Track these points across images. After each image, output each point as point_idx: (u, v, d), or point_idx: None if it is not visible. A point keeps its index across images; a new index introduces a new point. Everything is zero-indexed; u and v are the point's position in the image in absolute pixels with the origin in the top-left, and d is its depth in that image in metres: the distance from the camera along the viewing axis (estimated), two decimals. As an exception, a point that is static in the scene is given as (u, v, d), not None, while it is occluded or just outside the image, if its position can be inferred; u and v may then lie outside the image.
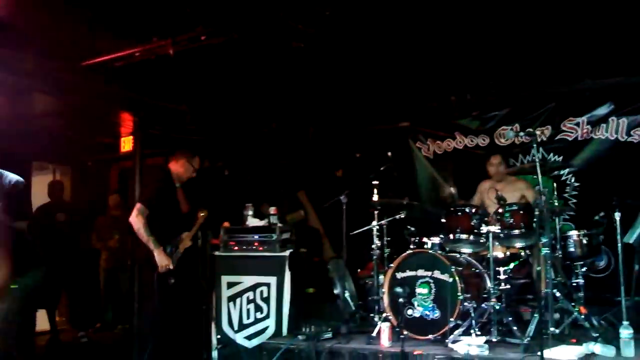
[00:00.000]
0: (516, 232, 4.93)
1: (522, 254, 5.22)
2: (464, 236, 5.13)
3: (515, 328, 4.60)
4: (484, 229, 4.98)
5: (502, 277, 4.96)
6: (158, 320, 5.15)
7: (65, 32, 5.03)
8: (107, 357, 6.55)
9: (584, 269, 5.27)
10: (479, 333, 4.63)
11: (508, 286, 4.96)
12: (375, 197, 5.65)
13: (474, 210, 5.14)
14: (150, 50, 5.20)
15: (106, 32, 5.17)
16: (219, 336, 5.83)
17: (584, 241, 5.24)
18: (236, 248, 5.93)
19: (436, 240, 5.33)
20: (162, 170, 5.46)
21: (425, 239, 5.41)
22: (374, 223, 5.67)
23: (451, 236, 5.16)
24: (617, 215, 5.00)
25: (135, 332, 5.65)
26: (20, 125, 6.25)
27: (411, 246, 5.38)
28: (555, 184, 5.82)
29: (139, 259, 5.30)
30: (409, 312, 5.01)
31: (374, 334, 5.03)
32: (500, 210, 4.99)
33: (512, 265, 5.14)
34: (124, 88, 6.15)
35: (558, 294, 4.74)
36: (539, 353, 3.84)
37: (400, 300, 4.71)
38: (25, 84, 5.49)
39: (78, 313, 7.62)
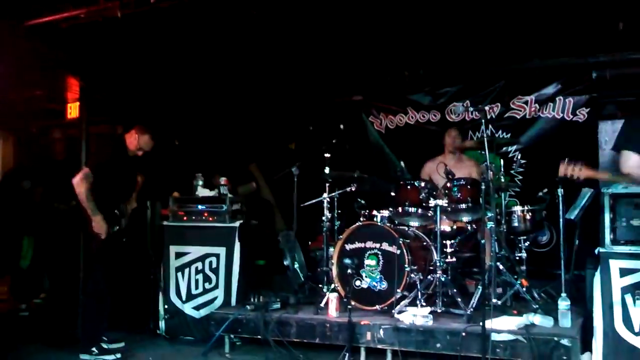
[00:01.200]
0: (463, 206, 5.02)
1: (469, 228, 5.32)
2: (412, 209, 5.19)
3: (459, 300, 4.71)
4: (432, 202, 5.05)
5: (448, 250, 5.07)
6: (102, 288, 5.07)
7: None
8: (50, 327, 6.40)
9: (527, 244, 5.44)
10: (424, 304, 4.73)
11: (454, 259, 5.07)
12: (327, 170, 5.65)
13: (422, 184, 5.21)
14: (97, 12, 5.03)
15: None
16: (166, 306, 5.79)
17: (528, 216, 5.40)
18: (185, 218, 5.88)
19: (385, 213, 5.40)
20: (117, 139, 5.34)
21: (375, 212, 5.47)
22: (325, 195, 5.68)
23: (400, 209, 5.22)
24: (560, 192, 5.15)
25: (80, 302, 5.53)
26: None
27: (361, 219, 5.43)
28: (502, 161, 5.93)
29: (84, 226, 5.17)
30: (357, 283, 5.06)
31: (322, 305, 5.08)
32: (448, 185, 5.07)
33: (458, 238, 5.24)
34: (70, 51, 5.93)
35: (501, 267, 4.88)
36: (481, 323, 3.94)
37: (349, 271, 4.74)
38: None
39: (19, 284, 7.41)
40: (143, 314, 6.00)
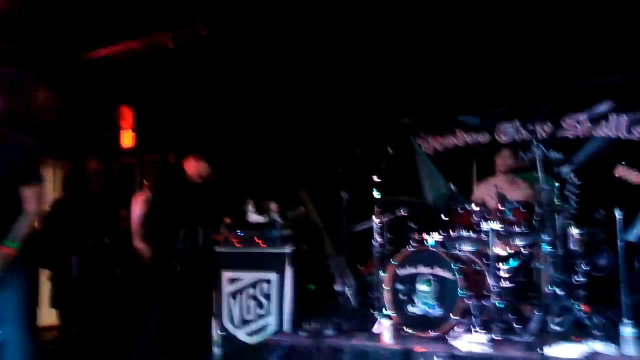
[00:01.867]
0: (517, 229, 4.93)
1: (523, 251, 5.21)
2: (464, 233, 5.13)
3: (516, 326, 4.61)
4: (485, 226, 4.98)
5: (503, 274, 4.97)
6: (158, 314, 5.15)
7: (65, 26, 5.01)
8: (106, 353, 6.52)
9: (585, 267, 5.28)
10: (480, 330, 4.64)
11: (509, 284, 4.98)
12: (376, 194, 5.64)
13: (474, 208, 5.14)
14: (150, 43, 5.19)
15: (106, 25, 5.15)
16: (220, 332, 5.84)
17: (585, 239, 5.25)
18: (237, 244, 5.93)
19: (437, 237, 5.34)
20: (175, 167, 5.49)
21: (425, 236, 5.42)
22: (375, 220, 5.67)
23: (452, 233, 5.16)
24: (618, 213, 5.00)
25: (137, 328, 5.62)
26: (18, 119, 6.21)
27: (412, 243, 5.39)
28: (556, 182, 5.82)
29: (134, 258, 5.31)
30: (410, 308, 5.01)
31: (375, 331, 5.04)
32: (501, 208, 4.99)
33: (512, 262, 5.14)
34: (124, 82, 6.13)
35: (559, 292, 4.76)
36: (540, 350, 3.84)
37: (402, 296, 4.70)
38: (25, 77, 5.46)
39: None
40: (197, 340, 6.05)
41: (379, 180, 5.66)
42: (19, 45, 5.09)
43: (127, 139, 7.26)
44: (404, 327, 4.58)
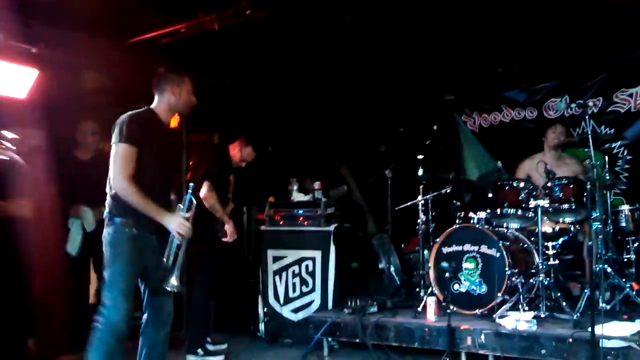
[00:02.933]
0: (565, 206, 4.83)
1: (572, 229, 5.11)
2: (511, 211, 5.04)
3: (564, 304, 4.53)
4: (532, 203, 4.89)
5: (550, 252, 4.90)
6: (209, 292, 5.27)
7: (111, 10, 5.08)
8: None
9: (635, 245, 5.13)
10: (526, 308, 4.58)
11: (557, 262, 4.90)
12: (421, 172, 5.60)
13: (522, 185, 5.05)
14: (196, 25, 5.22)
15: (152, 8, 5.20)
16: (265, 309, 5.93)
17: (636, 216, 5.09)
18: (282, 222, 6.00)
19: (483, 215, 5.27)
20: (221, 150, 5.56)
21: (471, 214, 5.36)
22: (420, 198, 5.64)
23: (498, 211, 5.09)
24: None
25: (185, 305, 5.76)
26: (70, 103, 6.38)
27: (457, 221, 5.34)
28: (606, 157, 5.66)
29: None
30: (456, 286, 4.99)
31: (419, 309, 5.03)
32: (549, 184, 4.89)
33: (560, 240, 5.04)
34: (170, 64, 6.19)
35: (609, 270, 4.65)
36: (589, 329, 3.77)
37: (447, 274, 4.68)
38: (73, 61, 5.58)
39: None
40: (244, 316, 6.18)
41: (423, 158, 5.62)
42: (67, 31, 5.19)
43: (173, 121, 7.35)
44: (449, 305, 4.55)
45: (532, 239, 5.02)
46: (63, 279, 5.07)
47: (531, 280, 4.75)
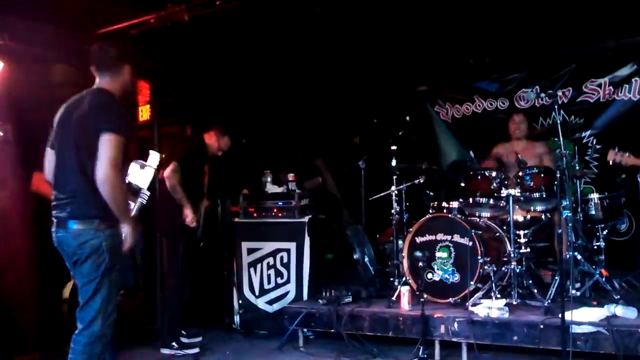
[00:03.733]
0: (536, 195, 4.89)
1: (543, 217, 5.18)
2: (483, 200, 5.08)
3: (535, 291, 4.60)
4: (504, 192, 4.94)
5: (522, 240, 4.96)
6: (182, 285, 5.24)
7: (79, 0, 4.99)
8: (130, 324, 6.65)
9: (605, 232, 5.23)
10: (499, 296, 4.63)
11: (528, 250, 4.96)
12: (394, 162, 5.61)
13: (493, 174, 5.09)
14: (165, 16, 5.16)
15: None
16: (240, 301, 5.92)
17: (605, 204, 5.19)
18: (255, 215, 5.98)
19: (455, 204, 5.30)
20: (196, 140, 5.51)
21: (444, 204, 5.40)
22: (393, 188, 5.65)
23: (470, 200, 5.13)
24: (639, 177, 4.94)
25: (159, 298, 5.72)
26: (39, 95, 6.26)
27: (430, 211, 5.37)
28: (576, 147, 5.74)
29: (162, 225, 5.35)
30: (429, 275, 5.02)
31: (393, 298, 5.06)
32: (520, 174, 4.94)
33: (532, 228, 5.11)
34: (140, 56, 6.11)
35: (579, 257, 4.73)
36: (560, 315, 3.83)
37: (420, 264, 4.70)
38: (39, 53, 5.47)
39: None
40: (219, 309, 6.15)
41: (396, 148, 5.63)
42: (34, 22, 5.08)
43: (144, 113, 7.27)
44: (423, 294, 4.58)
45: (504, 227, 5.07)
46: (31, 275, 4.98)
47: (503, 269, 4.81)
